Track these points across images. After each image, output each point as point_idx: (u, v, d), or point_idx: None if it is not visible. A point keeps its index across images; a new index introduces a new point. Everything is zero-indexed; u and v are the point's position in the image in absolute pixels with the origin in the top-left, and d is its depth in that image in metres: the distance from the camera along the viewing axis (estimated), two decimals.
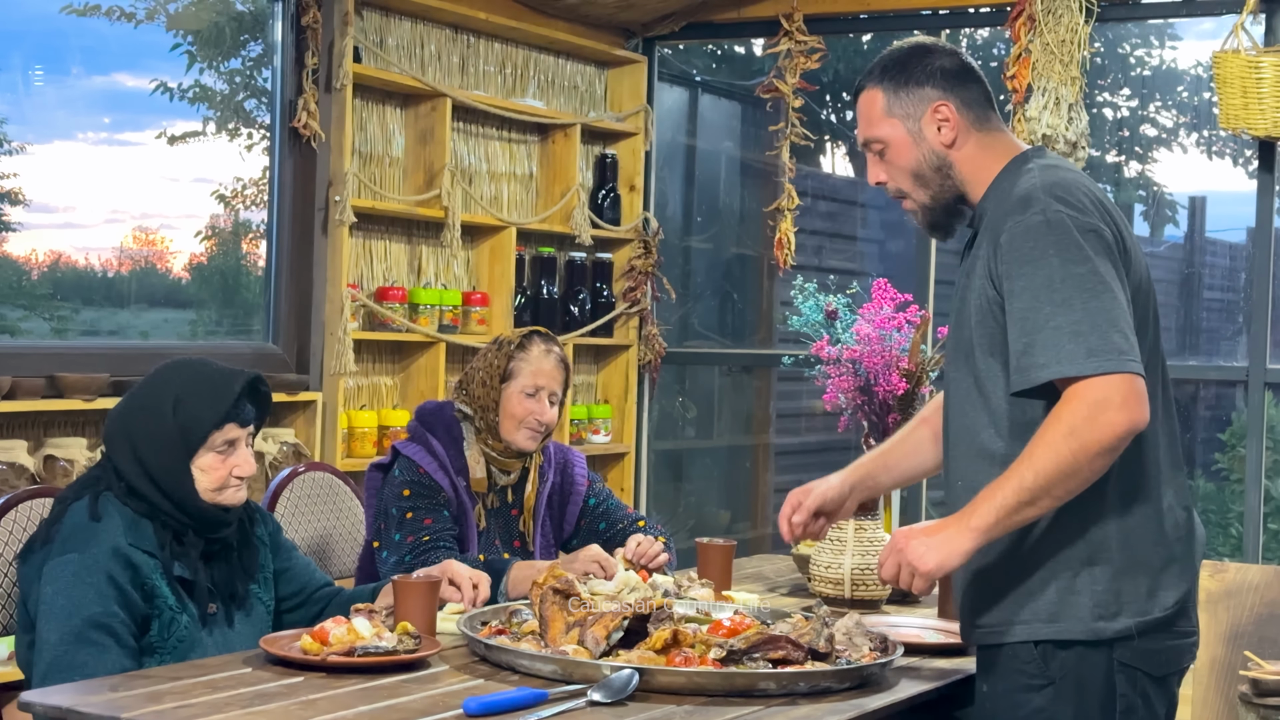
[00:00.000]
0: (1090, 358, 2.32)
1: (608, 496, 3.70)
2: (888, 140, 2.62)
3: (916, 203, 2.65)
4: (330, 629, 2.59)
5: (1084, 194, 2.47)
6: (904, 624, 3.05)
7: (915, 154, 2.61)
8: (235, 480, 2.83)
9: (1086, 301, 2.35)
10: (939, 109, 2.59)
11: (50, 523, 2.76)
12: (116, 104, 4.97)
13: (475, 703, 2.30)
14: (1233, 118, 4.77)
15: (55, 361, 4.28)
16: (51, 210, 4.76)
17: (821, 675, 2.52)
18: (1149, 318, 2.51)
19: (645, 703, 2.39)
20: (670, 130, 6.67)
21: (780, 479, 7.11)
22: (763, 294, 6.85)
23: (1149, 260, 2.63)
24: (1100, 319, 2.35)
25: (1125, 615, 2.44)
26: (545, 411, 3.49)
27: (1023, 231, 2.42)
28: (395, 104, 5.38)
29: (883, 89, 2.62)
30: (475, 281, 5.65)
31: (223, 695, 2.36)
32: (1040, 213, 2.42)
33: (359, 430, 5.08)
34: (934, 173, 2.61)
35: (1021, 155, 2.60)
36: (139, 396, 2.84)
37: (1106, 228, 2.44)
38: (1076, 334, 2.34)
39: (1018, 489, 2.36)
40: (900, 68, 2.62)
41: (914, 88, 2.60)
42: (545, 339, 3.57)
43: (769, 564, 4.00)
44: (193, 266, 5.22)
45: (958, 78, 2.61)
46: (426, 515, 3.36)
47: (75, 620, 2.61)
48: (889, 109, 2.61)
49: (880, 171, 2.66)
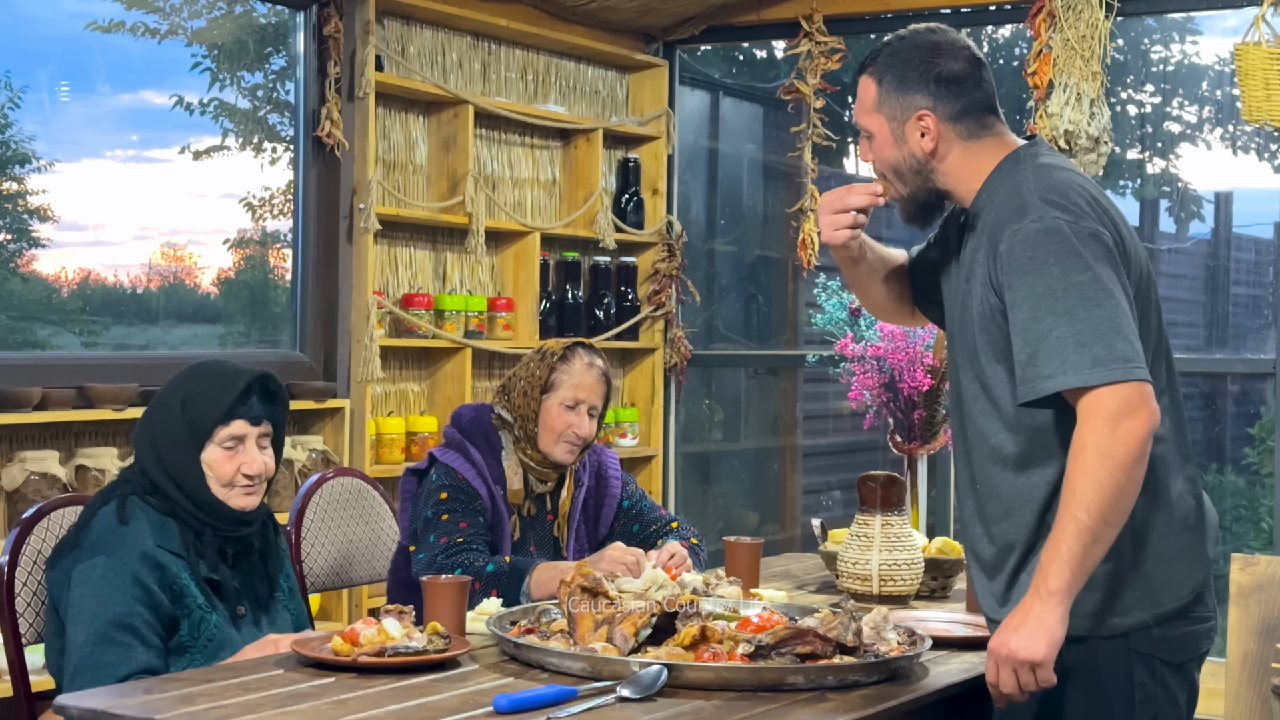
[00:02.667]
0: (1095, 367, 2.32)
1: (641, 498, 3.71)
2: (873, 132, 2.62)
3: (896, 190, 2.64)
4: (361, 630, 2.61)
5: (1079, 194, 2.46)
6: (931, 618, 3.06)
7: (896, 153, 2.60)
8: (244, 479, 2.85)
9: (1089, 310, 2.34)
10: (922, 118, 2.56)
11: (79, 527, 2.80)
12: (144, 121, 5.01)
13: (506, 700, 2.32)
14: (1255, 110, 4.76)
15: (85, 372, 4.32)
16: (81, 228, 4.80)
17: (849, 669, 2.52)
18: (1150, 308, 2.50)
19: (674, 699, 2.40)
20: (692, 134, 6.68)
21: (808, 480, 7.11)
22: (787, 295, 6.86)
23: (1176, 257, 2.64)
24: (1104, 327, 2.34)
25: (1140, 609, 2.44)
26: (584, 425, 3.49)
27: (1021, 240, 2.41)
28: (418, 112, 5.40)
29: (878, 82, 2.60)
30: (500, 287, 5.68)
31: (255, 696, 2.38)
32: (1037, 220, 2.41)
33: (387, 437, 5.11)
34: (913, 174, 2.60)
35: (1013, 154, 2.57)
36: (157, 396, 2.92)
37: (1105, 229, 2.42)
38: (1080, 344, 2.33)
39: (1077, 533, 2.31)
40: (900, 65, 2.59)
41: (905, 92, 2.57)
42: (589, 351, 3.56)
43: (796, 562, 4.01)
44: (221, 281, 5.25)
45: (955, 85, 2.57)
46: (462, 519, 3.37)
47: (100, 621, 2.65)
48: (878, 104, 2.60)
49: (866, 152, 2.67)
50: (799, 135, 5.94)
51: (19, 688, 2.93)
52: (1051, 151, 2.60)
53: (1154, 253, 7.01)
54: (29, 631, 2.92)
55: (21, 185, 4.65)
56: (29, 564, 2.93)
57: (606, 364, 3.58)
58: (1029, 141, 2.61)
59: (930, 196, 2.62)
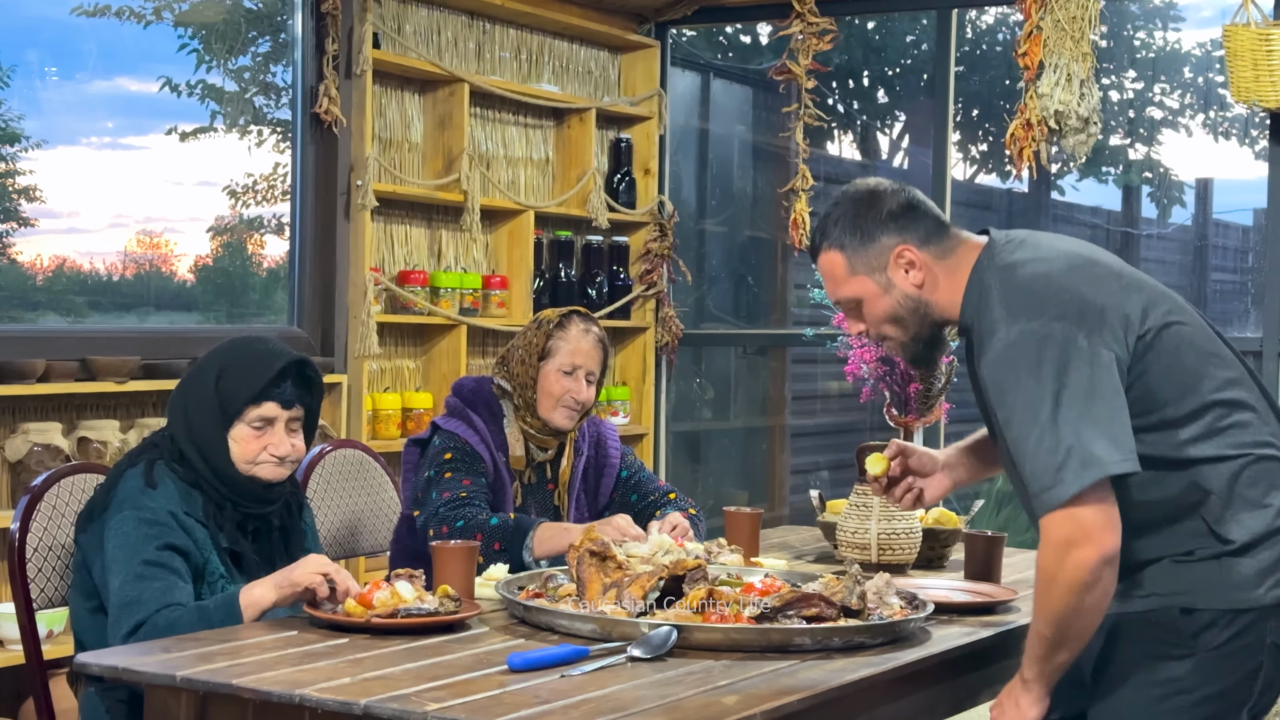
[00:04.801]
0: (1079, 472, 2.34)
1: (639, 469, 3.75)
2: (859, 296, 2.64)
3: (897, 342, 2.68)
4: (374, 593, 2.64)
5: (1044, 289, 2.47)
6: (931, 585, 3.11)
7: (889, 302, 2.62)
8: (270, 458, 2.88)
9: (1063, 418, 2.36)
10: (902, 254, 2.59)
11: (107, 488, 2.84)
12: (121, 108, 5.01)
13: (519, 658, 2.36)
14: (1244, 90, 4.82)
15: (87, 345, 4.34)
16: (56, 215, 4.81)
17: (855, 630, 2.57)
18: (1182, 347, 2.49)
19: (684, 659, 2.44)
20: (683, 115, 6.72)
21: (796, 460, 7.17)
22: (777, 276, 6.91)
23: (1158, 243, 2.68)
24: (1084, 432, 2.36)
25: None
26: (582, 390, 3.53)
27: (993, 362, 2.45)
28: (414, 90, 5.43)
29: (841, 249, 2.63)
30: (494, 265, 5.71)
31: (272, 655, 2.42)
32: (1003, 337, 2.44)
33: (383, 412, 5.14)
34: (911, 314, 2.62)
35: (980, 258, 2.59)
36: (197, 364, 2.94)
37: (1075, 317, 2.43)
38: (1057, 452, 2.35)
39: (1040, 639, 2.42)
40: (852, 222, 2.62)
41: (870, 240, 2.60)
42: (584, 319, 3.60)
43: (794, 534, 4.05)
44: (198, 269, 5.26)
45: (908, 216, 2.61)
46: (465, 476, 3.41)
47: (136, 561, 2.69)
48: (852, 268, 2.62)
49: (857, 324, 2.69)
50: (790, 116, 5.98)
51: (31, 654, 2.95)
52: (1012, 243, 2.61)
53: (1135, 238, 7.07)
54: (39, 598, 2.95)
55: (10, 165, 4.66)
56: (39, 530, 2.96)
57: (603, 331, 3.62)
58: (989, 240, 2.63)
59: (932, 332, 2.65)
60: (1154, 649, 2.49)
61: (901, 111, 7.84)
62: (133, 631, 2.63)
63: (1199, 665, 2.46)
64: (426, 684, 2.25)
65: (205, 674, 2.29)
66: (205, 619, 2.64)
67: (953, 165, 6.95)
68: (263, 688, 2.23)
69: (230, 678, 2.26)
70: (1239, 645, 2.46)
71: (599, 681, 2.28)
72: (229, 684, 2.24)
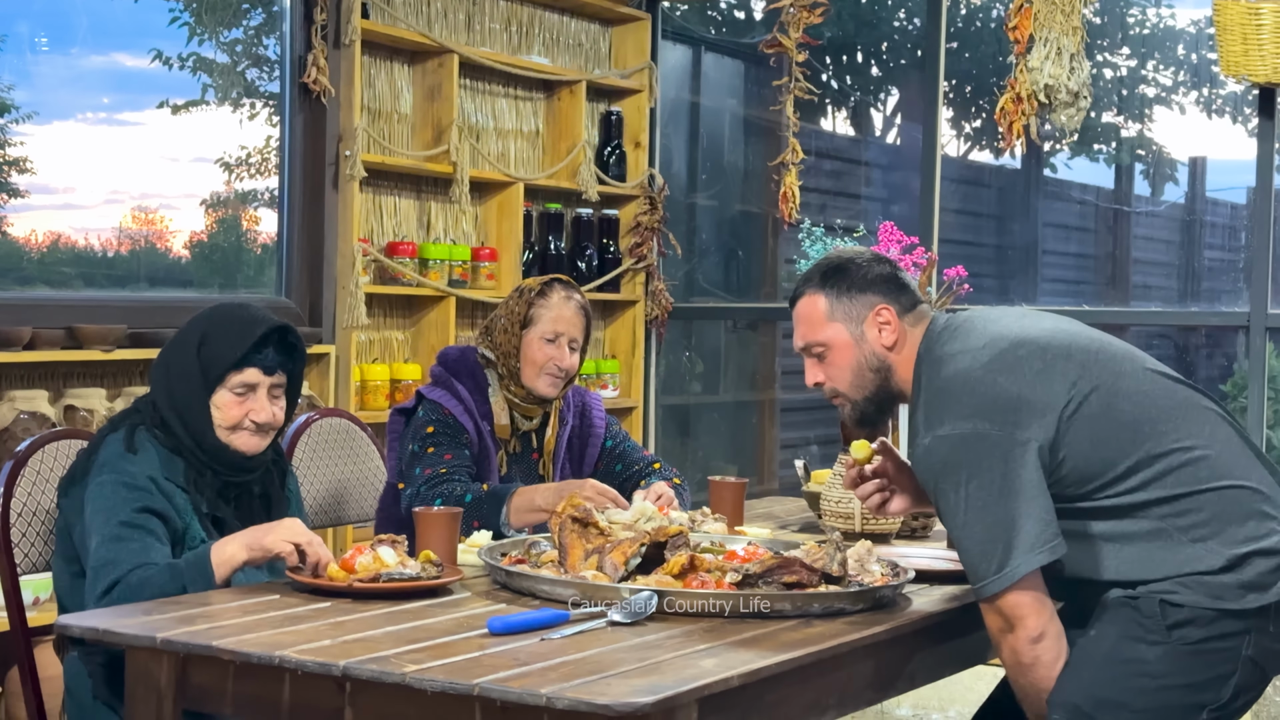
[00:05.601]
0: (1000, 570, 2.48)
1: (624, 439, 3.76)
2: (829, 343, 2.75)
3: (849, 400, 2.78)
4: (356, 557, 2.65)
5: (959, 384, 2.57)
6: (913, 554, 3.12)
7: (856, 355, 2.74)
8: (250, 424, 2.88)
9: (984, 518, 2.49)
10: (880, 312, 2.73)
11: (88, 453, 2.84)
12: (116, 84, 5.00)
13: (499, 622, 2.37)
14: (1233, 65, 4.82)
15: (74, 313, 4.34)
16: (51, 191, 4.79)
17: (835, 597, 2.58)
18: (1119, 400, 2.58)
19: (664, 623, 2.45)
20: (674, 88, 6.71)
21: (785, 435, 7.17)
22: (767, 250, 6.91)
23: (1150, 220, 2.74)
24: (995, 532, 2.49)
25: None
26: (565, 357, 3.53)
27: (917, 464, 2.60)
28: (403, 60, 5.42)
29: (825, 294, 2.76)
30: (484, 237, 5.71)
31: (253, 618, 2.43)
32: (922, 444, 2.58)
33: (371, 383, 5.15)
34: (873, 373, 2.74)
35: (919, 350, 2.71)
36: (179, 331, 2.93)
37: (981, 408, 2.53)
38: (983, 553, 2.50)
39: (1028, 704, 2.60)
40: (841, 274, 2.76)
41: (856, 293, 2.74)
42: (566, 286, 3.61)
43: (779, 505, 4.07)
44: (193, 245, 5.26)
45: (894, 283, 2.76)
46: (447, 451, 3.42)
47: (114, 523, 2.70)
48: (831, 313, 2.75)
49: (819, 373, 2.79)
50: (780, 89, 5.97)
51: (15, 621, 2.95)
52: (946, 332, 2.70)
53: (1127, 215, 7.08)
54: (24, 563, 2.95)
55: (1, 137, 4.65)
56: (24, 496, 2.96)
57: (585, 299, 3.62)
58: (929, 326, 2.74)
59: (885, 396, 2.77)
60: (1130, 630, 2.55)
61: (894, 87, 7.83)
62: (107, 591, 2.63)
63: (1169, 654, 2.52)
64: (406, 646, 2.26)
65: (185, 635, 2.30)
66: (177, 576, 2.64)
67: (945, 142, 6.95)
68: (243, 649, 2.24)
69: (210, 639, 2.27)
70: (1213, 648, 2.52)
71: (578, 645, 2.29)
72: (209, 645, 2.25)
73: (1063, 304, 6.14)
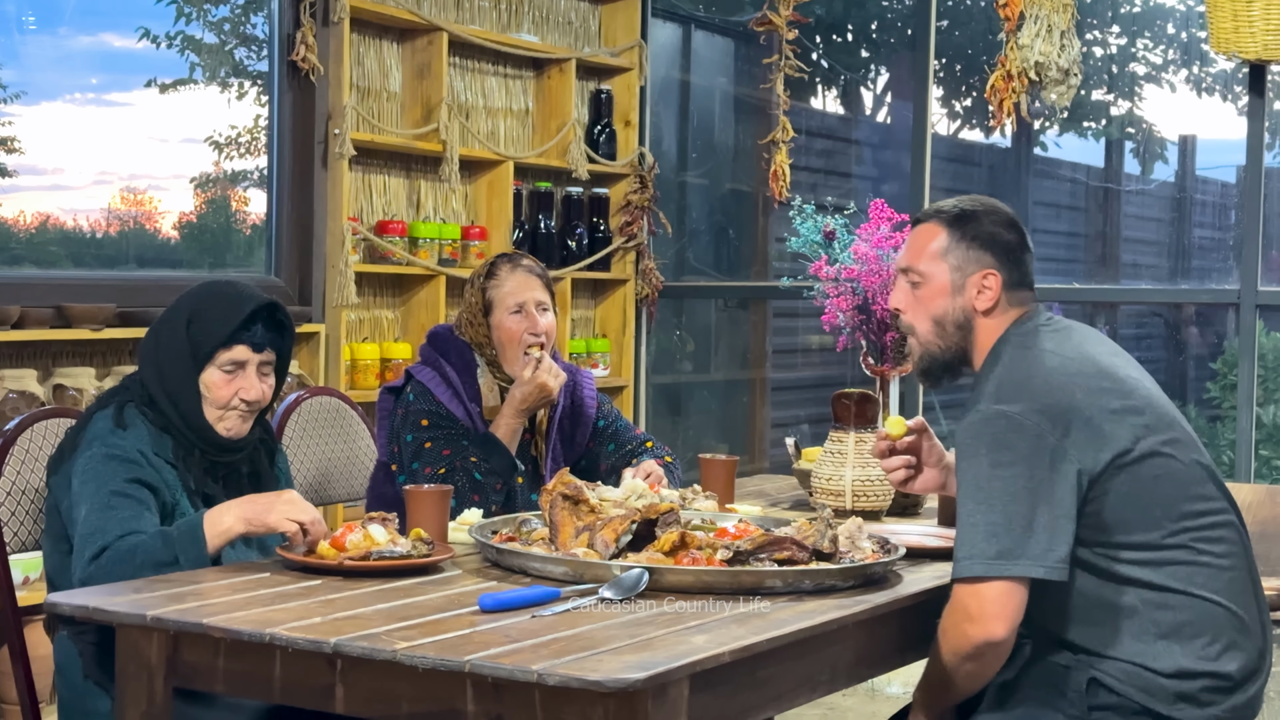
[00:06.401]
0: (998, 558, 2.42)
1: (616, 417, 3.75)
2: (927, 278, 2.70)
3: (920, 343, 2.73)
4: (346, 535, 2.65)
5: (1041, 377, 2.53)
6: (904, 530, 3.12)
7: (946, 303, 2.69)
8: (240, 403, 2.87)
9: (1006, 505, 2.44)
10: (988, 275, 2.68)
11: (77, 429, 2.83)
12: (104, 64, 4.97)
13: (490, 599, 2.36)
14: (1223, 41, 4.81)
15: (63, 292, 4.33)
16: (40, 172, 4.77)
17: (826, 573, 2.57)
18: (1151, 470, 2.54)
19: (655, 601, 2.45)
20: (664, 66, 6.70)
21: (777, 414, 7.17)
22: (758, 228, 6.90)
23: (1140, 198, 2.73)
24: (1011, 522, 2.43)
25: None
26: (537, 323, 3.51)
27: (965, 428, 2.53)
28: (392, 38, 5.40)
29: (948, 231, 2.70)
30: (474, 216, 5.69)
31: (243, 595, 2.42)
32: (982, 409, 2.52)
33: (361, 362, 5.14)
34: (955, 329, 2.70)
35: (1003, 335, 2.67)
36: (168, 309, 2.92)
37: (1050, 409, 2.49)
38: (991, 534, 2.43)
39: (929, 676, 2.58)
40: (971, 221, 2.70)
41: (976, 247, 2.68)
42: (510, 258, 3.58)
43: (770, 483, 4.06)
44: (182, 225, 5.24)
45: (1012, 254, 2.69)
46: (445, 446, 3.41)
47: (104, 493, 2.69)
48: (944, 252, 2.69)
49: (903, 300, 2.74)
50: (771, 66, 5.96)
51: (5, 600, 2.95)
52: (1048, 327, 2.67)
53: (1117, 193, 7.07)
54: (13, 542, 2.95)
55: None
56: (12, 475, 2.96)
57: (534, 261, 3.59)
58: (1030, 310, 2.71)
59: (954, 357, 2.72)
60: (1050, 696, 2.56)
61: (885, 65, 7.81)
62: (95, 556, 2.62)
63: None
64: (397, 624, 2.25)
65: (176, 613, 2.29)
66: (169, 545, 2.63)
67: (936, 120, 6.94)
68: (233, 626, 2.23)
69: (201, 617, 2.27)
70: None
71: (569, 621, 2.29)
72: (199, 623, 2.25)
73: (1053, 282, 6.13)
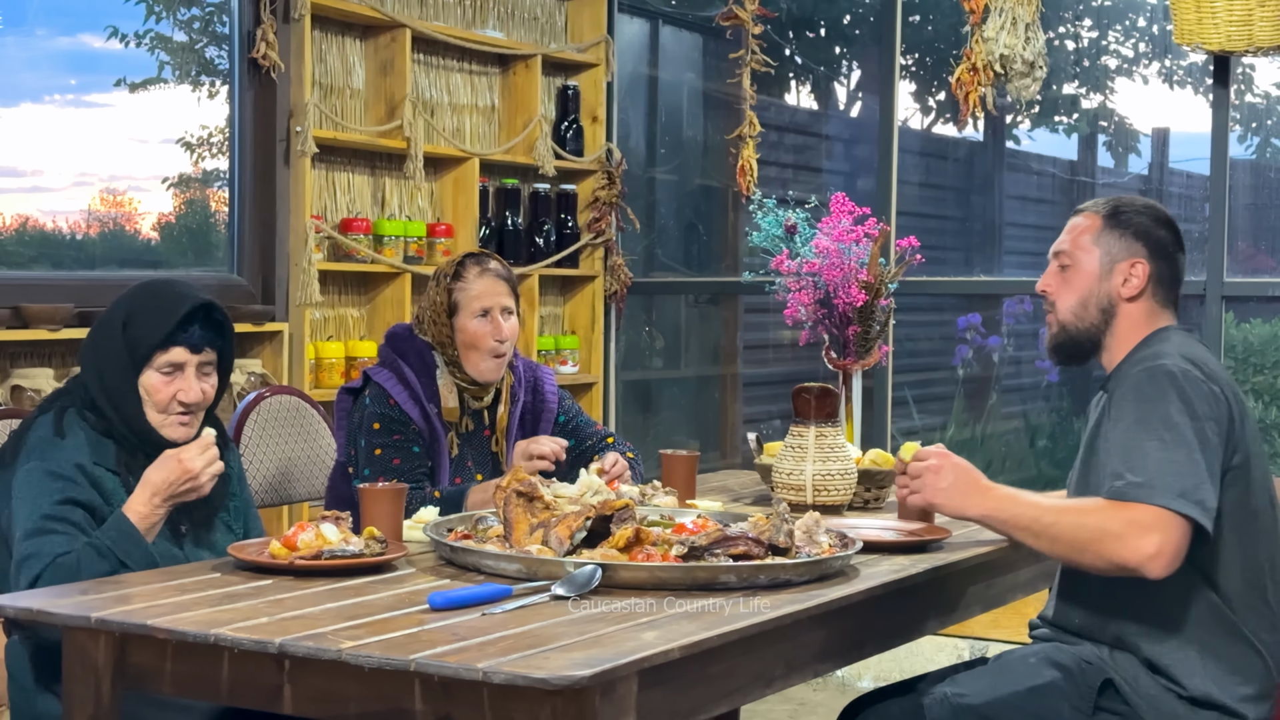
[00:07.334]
0: (1180, 497, 2.47)
1: (577, 413, 3.73)
2: (1076, 262, 2.81)
3: (1059, 321, 2.83)
4: (298, 534, 2.62)
5: (1216, 366, 2.66)
6: (863, 525, 3.10)
7: (1092, 286, 2.79)
8: (179, 406, 2.84)
9: (1191, 453, 2.50)
10: (1136, 264, 2.78)
11: (16, 436, 2.80)
12: (82, 65, 4.94)
13: (440, 597, 2.34)
14: (1187, 33, 4.81)
15: (20, 292, 4.29)
16: (19, 174, 4.74)
17: (781, 568, 2.56)
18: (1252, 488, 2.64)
19: (608, 597, 2.43)
20: (632, 62, 6.68)
21: (748, 410, 7.16)
22: (727, 224, 6.88)
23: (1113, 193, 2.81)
24: (1197, 468, 2.50)
25: None
26: (501, 329, 3.49)
27: (1148, 373, 2.61)
28: (355, 35, 5.37)
29: (1104, 221, 2.81)
30: (439, 213, 5.67)
31: (191, 596, 2.40)
32: (1170, 365, 2.59)
33: (326, 361, 5.11)
34: (1098, 311, 2.79)
35: (1163, 330, 2.76)
36: (106, 311, 2.88)
37: (1226, 400, 2.59)
38: (1178, 473, 2.48)
39: (1035, 520, 2.60)
40: (1127, 213, 2.81)
41: (1129, 237, 2.79)
42: (477, 259, 3.56)
43: (734, 478, 4.05)
44: (161, 226, 5.21)
45: (1163, 251, 2.80)
46: (395, 455, 3.38)
47: (37, 515, 2.65)
48: (1098, 237, 2.81)
49: (1051, 282, 2.85)
50: (738, 61, 5.94)
51: None
52: (1187, 336, 2.79)
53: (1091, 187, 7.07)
54: None
55: None
56: None
57: (501, 263, 3.57)
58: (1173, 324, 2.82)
59: (1090, 341, 2.81)
60: (1062, 684, 2.61)
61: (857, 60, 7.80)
62: (31, 584, 2.60)
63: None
64: (345, 623, 2.23)
65: (121, 615, 2.27)
66: (105, 554, 2.61)
67: (909, 115, 6.93)
68: (179, 628, 2.20)
69: (146, 618, 2.24)
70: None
71: (519, 619, 2.27)
72: (144, 624, 2.22)
73: (1025, 275, 6.14)
